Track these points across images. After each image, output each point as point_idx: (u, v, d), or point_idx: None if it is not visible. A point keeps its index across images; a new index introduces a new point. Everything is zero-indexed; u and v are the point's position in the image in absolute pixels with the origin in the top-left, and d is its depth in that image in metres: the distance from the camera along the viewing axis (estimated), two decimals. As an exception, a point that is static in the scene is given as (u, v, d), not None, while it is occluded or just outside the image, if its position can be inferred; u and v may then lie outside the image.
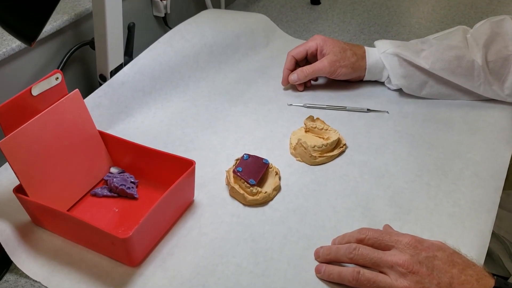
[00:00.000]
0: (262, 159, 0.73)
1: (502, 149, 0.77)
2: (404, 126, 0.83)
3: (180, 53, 0.93)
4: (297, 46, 0.93)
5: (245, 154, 0.73)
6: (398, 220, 0.66)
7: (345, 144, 0.79)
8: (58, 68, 0.86)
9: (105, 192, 0.71)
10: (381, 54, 0.88)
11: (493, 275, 0.52)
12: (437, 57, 0.84)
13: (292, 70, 0.93)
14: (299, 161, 0.77)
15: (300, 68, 0.91)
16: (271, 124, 0.85)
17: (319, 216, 0.67)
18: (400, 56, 0.86)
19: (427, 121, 0.84)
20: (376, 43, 0.91)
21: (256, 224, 0.66)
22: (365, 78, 0.93)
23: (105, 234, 0.58)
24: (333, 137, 0.77)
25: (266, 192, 0.69)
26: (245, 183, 0.69)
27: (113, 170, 0.74)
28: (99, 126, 0.74)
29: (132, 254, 0.60)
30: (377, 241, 0.56)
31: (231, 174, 0.71)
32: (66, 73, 0.91)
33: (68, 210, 0.68)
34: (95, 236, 0.61)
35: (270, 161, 0.75)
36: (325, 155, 0.76)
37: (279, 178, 0.73)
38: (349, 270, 0.56)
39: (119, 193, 0.71)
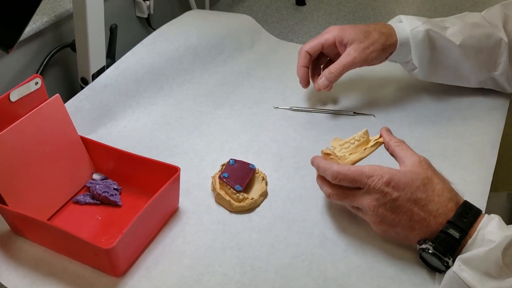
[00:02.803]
0: (248, 164, 0.72)
1: (488, 153, 0.77)
2: (390, 130, 0.83)
3: (164, 55, 0.91)
4: (310, 40, 0.83)
5: (231, 159, 0.72)
6: (386, 226, 0.66)
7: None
8: (37, 72, 0.83)
9: (88, 199, 0.69)
10: (411, 31, 0.80)
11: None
12: (466, 34, 0.80)
13: (308, 67, 0.85)
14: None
15: (327, 70, 0.81)
16: (257, 127, 0.84)
17: (307, 222, 0.66)
18: (430, 34, 0.79)
19: (413, 125, 0.84)
20: (403, 18, 0.82)
21: (242, 231, 0.65)
22: (390, 59, 0.83)
23: (87, 244, 0.57)
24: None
25: (252, 198, 0.68)
26: (231, 189, 0.68)
27: (96, 176, 0.72)
28: (81, 131, 0.72)
29: (116, 264, 0.58)
30: (349, 185, 0.60)
31: (217, 180, 0.70)
32: (46, 76, 0.88)
33: (49, 219, 0.67)
34: (78, 246, 0.59)
35: (256, 165, 0.73)
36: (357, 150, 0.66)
37: (266, 184, 0.72)
38: (324, 188, 0.63)
39: (102, 201, 0.69)
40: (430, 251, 0.56)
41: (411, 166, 0.59)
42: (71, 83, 0.95)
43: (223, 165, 0.72)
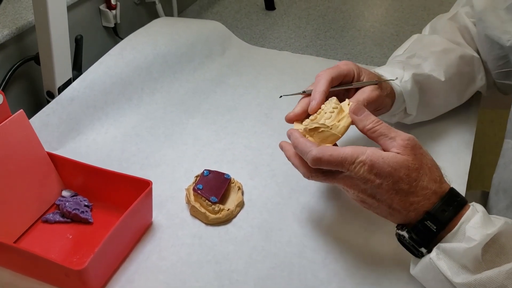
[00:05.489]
0: (223, 174, 0.71)
1: (463, 152, 0.78)
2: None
3: (132, 64, 0.89)
4: (326, 69, 0.68)
5: (205, 170, 0.71)
6: (364, 231, 0.65)
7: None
8: (-1, 87, 0.80)
9: (57, 217, 0.67)
10: (401, 83, 0.74)
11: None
12: (444, 65, 0.77)
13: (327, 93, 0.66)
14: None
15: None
16: (231, 135, 0.83)
17: (285, 231, 0.65)
18: (416, 79, 0.75)
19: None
20: (383, 72, 0.75)
21: (219, 244, 0.64)
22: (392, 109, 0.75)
23: (57, 266, 0.54)
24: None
25: (229, 209, 0.67)
26: (207, 201, 0.66)
27: (65, 193, 0.69)
28: (48, 146, 0.70)
29: (88, 285, 0.56)
30: (331, 169, 0.57)
31: (191, 192, 0.68)
32: (10, 91, 0.85)
33: (16, 240, 0.64)
34: (47, 268, 0.57)
35: (232, 174, 0.72)
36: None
37: (242, 193, 0.71)
38: (301, 170, 0.60)
39: (73, 218, 0.67)
40: (406, 239, 0.55)
41: (397, 148, 0.55)
42: (37, 97, 0.91)
43: (197, 176, 0.71)
